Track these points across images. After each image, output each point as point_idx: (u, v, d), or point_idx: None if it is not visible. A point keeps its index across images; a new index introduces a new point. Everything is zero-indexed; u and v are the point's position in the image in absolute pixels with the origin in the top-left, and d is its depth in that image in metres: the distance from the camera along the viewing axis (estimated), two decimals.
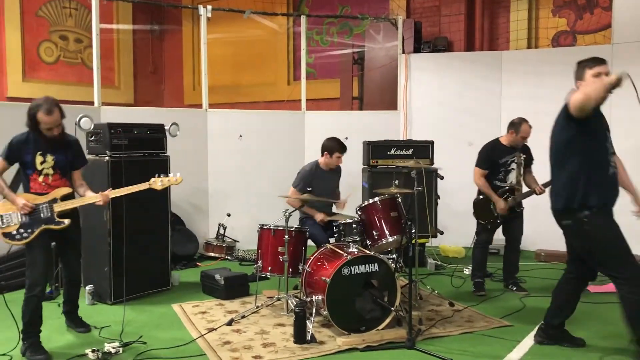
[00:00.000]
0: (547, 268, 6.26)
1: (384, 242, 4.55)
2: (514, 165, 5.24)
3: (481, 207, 5.27)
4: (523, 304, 4.90)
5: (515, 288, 5.22)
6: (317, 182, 5.23)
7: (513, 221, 5.25)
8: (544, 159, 5.21)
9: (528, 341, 4.03)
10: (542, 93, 6.97)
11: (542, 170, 5.14)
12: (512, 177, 5.24)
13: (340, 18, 9.63)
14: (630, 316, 3.47)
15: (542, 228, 5.62)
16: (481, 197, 5.29)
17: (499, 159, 5.23)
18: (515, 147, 5.24)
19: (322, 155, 5.32)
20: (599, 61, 3.55)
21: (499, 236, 5.43)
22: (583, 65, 3.60)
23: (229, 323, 4.34)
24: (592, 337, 4.03)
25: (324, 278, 4.05)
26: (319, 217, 5.15)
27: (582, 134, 3.52)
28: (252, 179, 7.22)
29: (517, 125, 5.20)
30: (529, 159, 5.37)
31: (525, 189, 5.31)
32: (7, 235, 3.74)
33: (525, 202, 5.30)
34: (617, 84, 3.18)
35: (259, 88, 10.33)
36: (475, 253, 5.37)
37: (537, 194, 5.19)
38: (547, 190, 5.13)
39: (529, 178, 5.35)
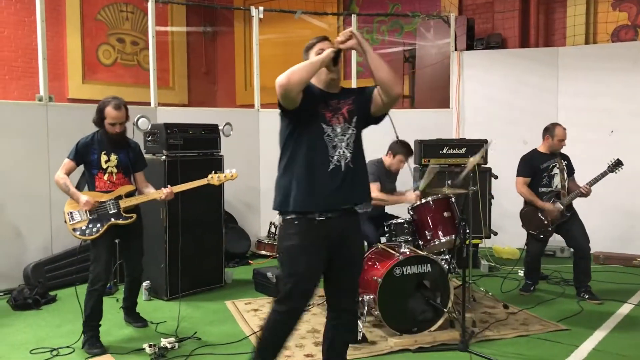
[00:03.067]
0: (607, 271, 6.06)
1: (436, 243, 4.50)
2: (556, 170, 5.13)
3: (530, 218, 5.14)
4: (581, 308, 4.77)
5: (587, 296, 5.02)
6: (382, 180, 5.13)
7: (570, 228, 5.08)
8: (605, 157, 5.10)
9: (587, 346, 3.91)
10: (601, 90, 6.75)
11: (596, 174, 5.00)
12: (556, 181, 5.11)
13: (391, 16, 9.57)
14: None
15: (599, 229, 5.47)
16: (526, 207, 5.17)
17: (539, 165, 5.14)
18: (555, 153, 5.13)
19: (387, 154, 5.23)
20: (321, 39, 2.99)
21: (555, 237, 5.28)
22: (309, 45, 3.02)
23: None
24: None
25: (375, 278, 4.04)
26: (411, 196, 4.93)
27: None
28: None
29: (551, 130, 5.13)
30: (570, 169, 5.23)
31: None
32: (77, 230, 3.92)
33: (578, 205, 5.14)
34: (332, 58, 2.75)
35: None
36: (525, 265, 5.29)
37: (584, 194, 5.03)
38: (599, 193, 5.05)
39: (572, 185, 5.19)
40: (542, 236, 5.10)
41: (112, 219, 3.99)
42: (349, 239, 2.94)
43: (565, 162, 5.20)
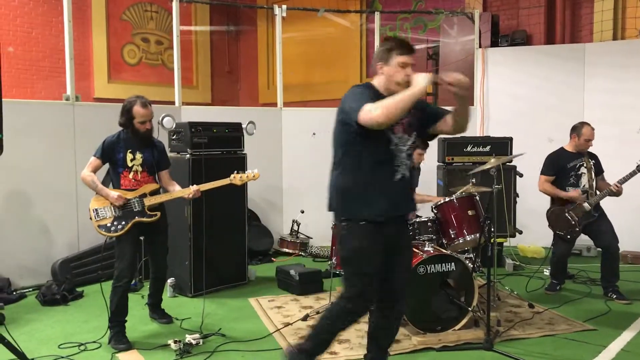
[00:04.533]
0: (635, 270, 5.96)
1: (461, 241, 4.46)
2: (583, 170, 5.04)
3: (556, 217, 5.06)
4: (608, 308, 4.69)
5: (615, 296, 4.93)
6: None
7: (598, 228, 4.98)
8: (633, 154, 5.00)
9: (615, 346, 3.85)
10: (630, 86, 6.63)
11: (624, 172, 4.93)
12: (584, 181, 5.02)
13: (414, 13, 9.51)
14: None
15: (627, 229, 5.37)
16: (553, 207, 5.10)
17: (566, 164, 5.06)
18: (582, 152, 5.04)
19: None
20: (410, 49, 2.96)
21: (581, 236, 5.20)
22: (391, 47, 2.94)
23: (305, 318, 4.40)
24: None
25: None
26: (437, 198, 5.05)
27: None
28: (326, 176, 7.13)
29: (579, 129, 5.05)
30: (599, 169, 5.13)
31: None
32: (103, 227, 3.97)
33: (606, 204, 5.05)
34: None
35: (331, 85, 10.35)
36: (551, 266, 5.23)
37: (614, 193, 4.93)
38: (626, 190, 4.96)
39: (601, 184, 5.10)
40: (569, 237, 5.02)
41: (137, 217, 4.04)
42: (404, 245, 3.14)
43: (593, 161, 5.11)
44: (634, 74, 6.66)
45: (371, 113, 2.68)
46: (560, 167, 5.11)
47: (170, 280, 5.09)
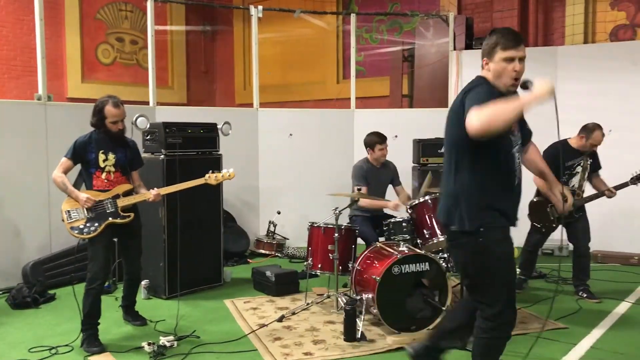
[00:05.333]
0: (605, 269, 6.08)
1: (435, 241, 4.51)
2: (579, 169, 5.08)
3: (537, 209, 5.13)
4: (579, 306, 4.77)
5: (585, 295, 5.02)
6: (371, 178, 5.23)
7: (575, 225, 5.06)
8: (604, 156, 5.10)
9: (584, 344, 3.92)
10: (600, 89, 6.75)
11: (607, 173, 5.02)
12: (574, 181, 5.08)
13: (390, 15, 9.58)
14: None
15: (598, 228, 5.47)
16: (537, 199, 5.16)
17: (565, 162, 5.07)
18: (583, 152, 5.07)
19: (368, 152, 5.32)
20: (516, 40, 2.76)
21: (553, 236, 5.28)
22: (496, 41, 2.77)
23: (280, 319, 4.40)
24: None
25: (374, 276, 4.05)
26: (391, 205, 5.08)
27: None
28: (302, 177, 7.27)
29: (590, 132, 4.96)
30: (596, 165, 5.19)
31: (587, 193, 5.13)
32: (75, 229, 3.92)
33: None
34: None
35: (308, 87, 10.39)
36: (523, 254, 5.28)
37: (607, 197, 5.02)
38: (619, 192, 5.04)
39: (597, 181, 5.16)
40: (544, 230, 5.10)
41: (110, 218, 3.99)
42: None
43: (591, 160, 5.09)
44: (604, 76, 6.78)
45: (472, 126, 2.43)
46: (558, 164, 5.07)
47: (144, 282, 5.04)
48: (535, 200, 5.16)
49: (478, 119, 2.40)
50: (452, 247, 2.96)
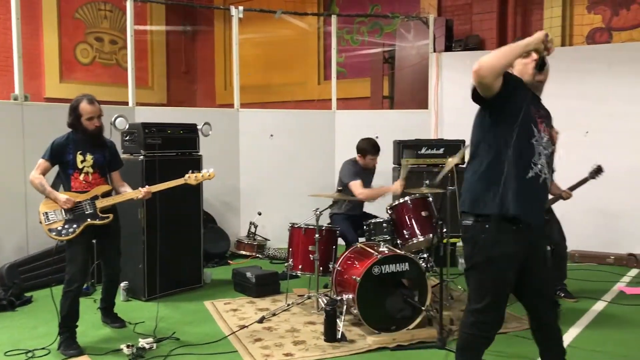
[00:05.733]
0: (582, 269, 6.16)
1: (414, 242, 4.54)
2: None
3: None
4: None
5: (563, 294, 5.07)
6: (362, 177, 5.20)
7: (550, 228, 5.11)
8: (581, 158, 5.18)
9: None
10: (577, 91, 6.84)
11: (572, 174, 5.09)
12: None
13: (371, 17, 9.61)
14: None
15: (574, 228, 5.55)
16: None
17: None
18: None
19: (357, 156, 5.33)
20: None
21: None
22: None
23: (260, 320, 4.39)
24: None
25: (354, 277, 4.06)
26: (394, 188, 5.06)
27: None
28: (283, 178, 7.27)
29: None
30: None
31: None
32: (54, 230, 3.87)
33: (555, 205, 5.21)
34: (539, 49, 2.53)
35: (289, 88, 10.38)
36: None
37: (564, 199, 5.09)
38: (574, 193, 5.11)
39: (552, 186, 5.25)
40: None
41: (89, 219, 3.95)
42: (537, 250, 2.80)
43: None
44: (581, 78, 6.88)
45: (473, 68, 2.46)
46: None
47: (123, 284, 5.00)
48: None
49: (477, 62, 2.45)
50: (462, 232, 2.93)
